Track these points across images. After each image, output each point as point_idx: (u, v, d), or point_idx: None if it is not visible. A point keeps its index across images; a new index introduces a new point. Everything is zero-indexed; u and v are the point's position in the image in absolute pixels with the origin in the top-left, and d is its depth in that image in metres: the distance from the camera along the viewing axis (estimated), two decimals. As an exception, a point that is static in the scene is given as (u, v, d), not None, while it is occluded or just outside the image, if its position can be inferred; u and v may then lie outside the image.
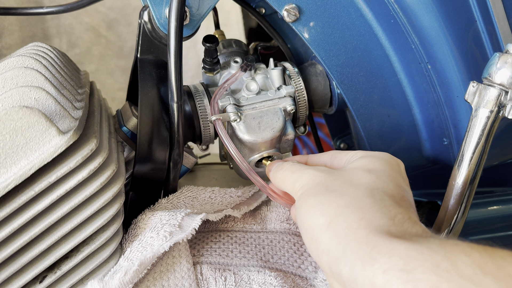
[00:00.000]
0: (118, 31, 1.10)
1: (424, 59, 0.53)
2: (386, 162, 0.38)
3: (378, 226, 0.29)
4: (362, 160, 0.38)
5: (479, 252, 0.25)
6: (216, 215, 0.47)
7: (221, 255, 0.46)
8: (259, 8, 0.63)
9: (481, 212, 0.65)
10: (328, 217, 0.32)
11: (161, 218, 0.44)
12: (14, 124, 0.35)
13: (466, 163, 0.45)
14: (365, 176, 0.35)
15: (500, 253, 0.25)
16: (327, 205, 0.33)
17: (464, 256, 0.25)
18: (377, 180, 0.35)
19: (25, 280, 0.39)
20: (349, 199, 0.32)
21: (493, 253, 0.25)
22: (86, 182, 0.40)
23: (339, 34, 0.54)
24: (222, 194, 0.51)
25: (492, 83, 0.42)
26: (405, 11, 0.51)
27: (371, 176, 0.35)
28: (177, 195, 0.50)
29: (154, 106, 0.48)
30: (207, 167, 0.82)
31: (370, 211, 0.31)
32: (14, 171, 0.35)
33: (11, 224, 0.37)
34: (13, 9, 0.61)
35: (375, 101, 0.57)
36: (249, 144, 0.50)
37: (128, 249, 0.43)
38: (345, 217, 0.31)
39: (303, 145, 1.14)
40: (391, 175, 0.36)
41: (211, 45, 0.50)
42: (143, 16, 0.50)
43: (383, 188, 0.34)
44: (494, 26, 0.51)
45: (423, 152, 0.61)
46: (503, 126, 0.56)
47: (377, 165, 0.37)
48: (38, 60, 0.43)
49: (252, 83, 0.52)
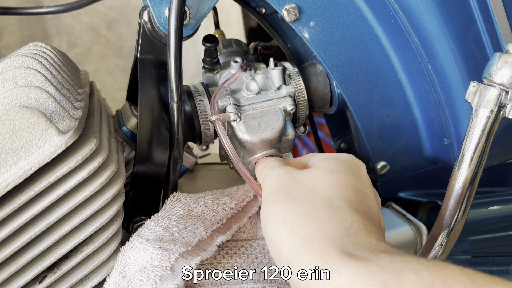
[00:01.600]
0: (118, 31, 1.10)
1: (424, 59, 0.53)
2: (346, 163, 0.39)
3: (333, 237, 0.30)
4: (325, 161, 0.40)
5: (428, 269, 0.25)
6: (209, 252, 0.45)
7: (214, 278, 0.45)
8: (259, 8, 0.63)
9: (481, 212, 0.65)
10: (288, 226, 0.33)
11: (152, 256, 0.41)
12: (14, 124, 0.35)
13: (467, 163, 0.45)
14: (326, 179, 0.36)
15: (450, 271, 0.25)
16: (288, 213, 0.34)
17: (412, 274, 0.25)
18: (336, 184, 0.36)
19: (25, 280, 0.39)
20: (308, 208, 0.33)
21: (442, 271, 0.25)
22: (86, 182, 0.40)
23: (339, 34, 0.54)
24: (215, 207, 0.48)
25: (493, 83, 0.42)
26: (405, 10, 0.51)
27: (331, 180, 0.36)
28: (167, 215, 0.46)
29: (154, 106, 0.48)
30: (207, 167, 0.81)
31: (327, 222, 0.32)
32: (14, 171, 0.35)
33: (11, 224, 0.37)
34: (13, 9, 0.61)
35: (375, 101, 0.57)
36: (249, 144, 0.50)
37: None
38: (303, 227, 0.32)
39: (303, 145, 1.14)
40: (350, 178, 0.37)
41: (211, 45, 0.50)
42: (143, 16, 0.50)
43: (342, 194, 0.35)
44: (495, 26, 0.51)
45: (423, 152, 0.61)
46: (503, 126, 0.56)
47: (338, 166, 0.38)
48: (38, 60, 0.43)
49: (252, 83, 0.52)
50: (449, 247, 0.49)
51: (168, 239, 0.43)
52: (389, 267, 0.26)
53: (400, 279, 0.25)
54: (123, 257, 0.42)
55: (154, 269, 0.39)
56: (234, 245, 0.48)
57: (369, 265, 0.27)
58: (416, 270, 0.25)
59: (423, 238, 0.55)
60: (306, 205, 0.34)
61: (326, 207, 0.33)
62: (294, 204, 0.34)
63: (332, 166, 0.38)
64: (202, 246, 0.44)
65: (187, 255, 0.42)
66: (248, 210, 0.51)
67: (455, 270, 0.25)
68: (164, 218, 0.45)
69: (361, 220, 0.32)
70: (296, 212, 0.33)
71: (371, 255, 0.28)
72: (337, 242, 0.30)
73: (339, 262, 0.28)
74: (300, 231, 0.32)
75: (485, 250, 0.65)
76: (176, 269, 0.40)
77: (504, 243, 0.66)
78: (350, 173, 0.38)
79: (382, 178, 0.63)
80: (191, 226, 0.45)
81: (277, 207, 0.35)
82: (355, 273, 0.26)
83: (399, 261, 0.26)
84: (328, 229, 0.31)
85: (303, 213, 0.33)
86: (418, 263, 0.26)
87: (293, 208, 0.34)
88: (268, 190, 0.39)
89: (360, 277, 0.26)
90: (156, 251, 0.41)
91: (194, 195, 0.49)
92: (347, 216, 0.32)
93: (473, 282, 0.24)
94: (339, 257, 0.28)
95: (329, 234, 0.31)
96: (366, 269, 0.26)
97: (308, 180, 0.37)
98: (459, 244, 0.62)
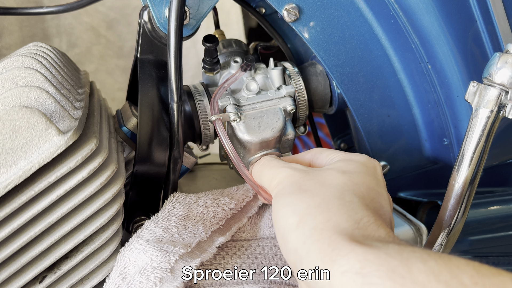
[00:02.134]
0: (118, 31, 1.10)
1: (424, 59, 0.53)
2: (362, 164, 0.39)
3: (343, 229, 0.30)
4: (338, 163, 0.39)
5: (435, 259, 0.26)
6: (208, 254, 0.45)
7: (214, 278, 0.45)
8: (259, 8, 0.63)
9: (481, 212, 0.65)
10: (297, 217, 0.33)
11: (152, 258, 0.40)
12: (14, 124, 0.35)
13: (466, 163, 0.45)
14: (338, 177, 0.36)
15: (456, 262, 0.26)
16: (298, 204, 0.34)
17: (420, 262, 0.26)
18: (348, 182, 0.36)
19: (25, 280, 0.39)
20: (318, 200, 0.33)
21: (449, 261, 0.26)
22: (86, 182, 0.40)
23: (339, 34, 0.54)
24: (215, 207, 0.48)
25: (493, 83, 0.42)
26: (405, 11, 0.51)
27: (343, 177, 0.36)
28: (167, 216, 0.46)
29: (154, 106, 0.48)
30: (207, 167, 0.81)
31: (337, 213, 0.32)
32: (14, 171, 0.35)
33: (11, 224, 0.37)
34: (13, 9, 0.61)
35: (375, 101, 0.57)
36: (249, 144, 0.50)
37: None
38: (313, 217, 0.32)
39: (303, 145, 1.14)
40: (364, 178, 0.37)
41: (211, 45, 0.50)
42: (143, 16, 0.50)
43: (354, 190, 0.35)
44: (494, 26, 0.51)
45: (423, 152, 0.61)
46: (503, 126, 0.56)
47: (352, 167, 0.38)
48: (38, 60, 0.43)
49: (252, 83, 0.52)
50: (449, 247, 0.49)
51: (167, 241, 0.42)
52: (398, 255, 0.26)
53: (408, 267, 0.25)
54: (122, 258, 0.42)
55: (153, 271, 0.39)
56: (234, 245, 0.48)
57: (377, 252, 0.27)
58: (423, 259, 0.26)
59: (423, 238, 0.55)
60: (316, 198, 0.34)
61: (337, 200, 0.33)
62: (305, 196, 0.34)
63: (346, 168, 0.38)
64: (202, 248, 0.44)
65: (186, 257, 0.42)
66: (248, 210, 0.50)
67: (461, 261, 0.26)
68: (163, 219, 0.45)
69: (371, 215, 0.32)
70: (306, 203, 0.33)
71: (380, 244, 0.28)
72: (347, 232, 0.30)
73: (347, 248, 0.28)
74: (310, 221, 0.32)
75: (485, 250, 0.65)
76: (175, 271, 0.40)
77: (504, 243, 0.66)
78: (364, 173, 0.38)
79: (382, 178, 0.63)
80: (191, 227, 0.45)
81: (288, 199, 0.35)
82: (363, 259, 0.27)
83: (407, 251, 0.27)
84: (338, 220, 0.31)
85: (313, 205, 0.33)
86: (426, 253, 0.26)
87: (303, 200, 0.34)
88: (280, 187, 0.38)
89: (368, 263, 0.26)
90: (156, 253, 0.41)
91: (194, 196, 0.49)
92: (358, 210, 0.32)
93: (478, 272, 0.25)
94: (348, 244, 0.28)
95: (339, 225, 0.31)
96: (375, 255, 0.27)
97: (320, 176, 0.37)
98: (459, 244, 0.62)
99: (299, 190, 0.35)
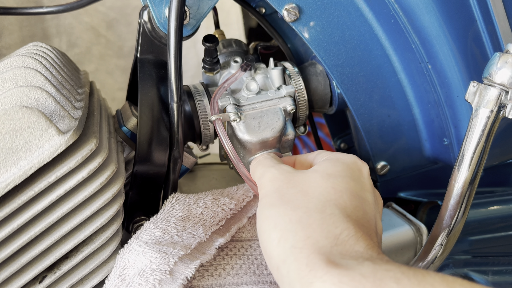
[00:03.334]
0: (118, 31, 1.10)
1: (424, 59, 0.53)
2: (347, 167, 0.39)
3: (322, 247, 0.31)
4: (325, 163, 0.40)
5: (409, 278, 0.26)
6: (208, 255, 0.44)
7: (213, 276, 0.44)
8: (259, 8, 0.63)
9: (481, 212, 0.65)
10: (279, 232, 0.33)
11: (151, 260, 0.40)
12: (13, 124, 0.35)
13: (467, 163, 0.45)
14: (321, 184, 0.36)
15: (431, 279, 0.26)
16: (280, 218, 0.34)
17: (393, 283, 0.26)
18: (331, 190, 0.36)
19: (25, 280, 0.39)
20: (300, 214, 0.34)
21: (423, 279, 0.26)
22: (86, 182, 0.40)
23: (339, 34, 0.54)
24: (215, 208, 0.48)
25: (493, 83, 0.42)
26: (405, 10, 0.51)
27: (327, 184, 0.36)
28: (166, 217, 0.45)
29: (154, 106, 0.48)
30: (207, 167, 0.81)
31: (317, 230, 0.32)
32: (14, 171, 0.35)
33: (11, 224, 0.37)
34: (13, 9, 0.61)
35: (375, 101, 0.57)
36: (249, 144, 0.50)
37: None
38: (293, 234, 0.33)
39: (303, 145, 1.14)
40: (348, 183, 0.37)
41: (211, 44, 0.50)
42: (143, 16, 0.50)
43: (336, 200, 0.35)
44: (495, 26, 0.51)
45: (423, 152, 0.61)
46: (503, 126, 0.56)
47: (337, 170, 0.38)
48: (37, 60, 0.43)
49: (252, 83, 0.52)
50: (449, 247, 0.49)
51: (167, 242, 0.42)
52: (371, 275, 0.27)
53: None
54: (122, 260, 0.42)
55: (153, 273, 0.39)
56: (234, 245, 0.48)
57: (352, 274, 0.28)
58: (397, 279, 0.26)
59: (423, 238, 0.55)
60: (298, 211, 0.34)
61: (318, 214, 0.34)
62: (287, 209, 0.35)
63: (331, 170, 0.38)
64: (201, 249, 0.44)
65: (186, 259, 0.42)
66: (247, 210, 0.50)
67: (436, 278, 0.26)
68: (163, 220, 0.45)
69: (352, 228, 0.33)
70: (288, 217, 0.34)
71: (355, 263, 0.29)
72: (325, 251, 0.31)
73: (323, 270, 0.29)
74: (291, 237, 0.32)
75: (485, 250, 0.65)
76: (175, 273, 0.40)
77: (504, 243, 0.66)
78: (349, 177, 0.38)
79: (382, 178, 0.63)
80: (190, 228, 0.45)
81: (270, 211, 0.36)
82: (338, 281, 0.27)
83: (382, 270, 0.27)
84: (318, 237, 0.32)
85: (294, 219, 0.34)
86: (400, 272, 0.27)
87: (285, 213, 0.34)
88: (263, 192, 0.39)
89: (342, 285, 0.27)
90: (155, 255, 0.40)
91: (193, 196, 0.48)
92: (338, 224, 0.33)
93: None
94: (324, 265, 0.29)
95: (318, 243, 0.31)
96: (349, 277, 0.27)
97: (303, 183, 0.37)
98: (459, 244, 0.62)
99: (281, 201, 0.36)
